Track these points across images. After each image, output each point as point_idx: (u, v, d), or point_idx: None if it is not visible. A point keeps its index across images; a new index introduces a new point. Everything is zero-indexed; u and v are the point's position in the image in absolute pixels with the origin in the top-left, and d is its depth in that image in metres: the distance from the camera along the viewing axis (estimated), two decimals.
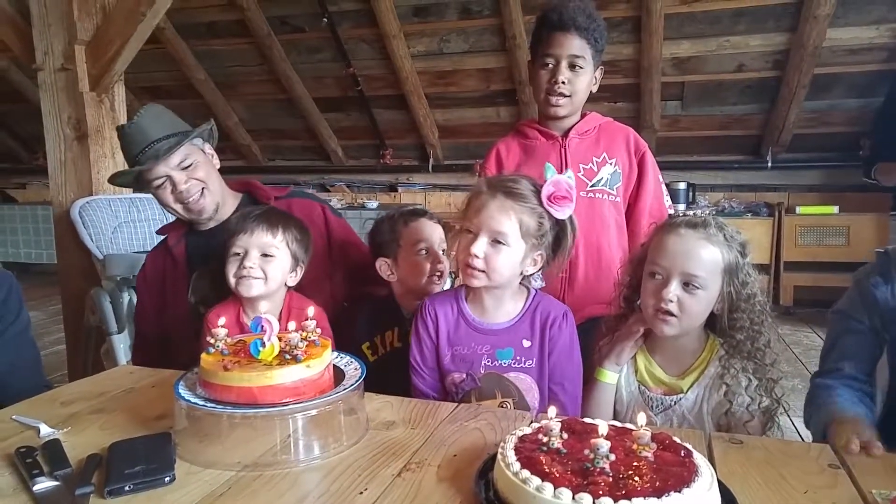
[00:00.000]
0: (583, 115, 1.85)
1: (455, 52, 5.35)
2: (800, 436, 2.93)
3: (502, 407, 1.36)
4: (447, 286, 1.75)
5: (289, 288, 1.59)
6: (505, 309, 1.41)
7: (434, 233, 1.69)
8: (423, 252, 1.67)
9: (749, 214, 5.32)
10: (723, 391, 1.36)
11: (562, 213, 1.35)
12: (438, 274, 1.67)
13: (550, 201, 1.33)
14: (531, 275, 1.42)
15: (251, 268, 1.48)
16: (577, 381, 1.42)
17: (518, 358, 1.38)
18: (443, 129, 6.04)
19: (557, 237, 1.39)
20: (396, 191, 6.45)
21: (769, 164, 5.46)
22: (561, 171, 1.77)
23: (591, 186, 1.80)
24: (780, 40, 4.74)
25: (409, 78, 5.51)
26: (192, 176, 1.74)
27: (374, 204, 6.03)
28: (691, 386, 1.39)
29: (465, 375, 1.39)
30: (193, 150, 1.76)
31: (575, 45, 1.72)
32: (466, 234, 1.35)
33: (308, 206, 1.89)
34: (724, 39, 4.81)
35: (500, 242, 1.31)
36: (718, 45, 4.85)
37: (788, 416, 3.17)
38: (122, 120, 2.83)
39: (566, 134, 1.82)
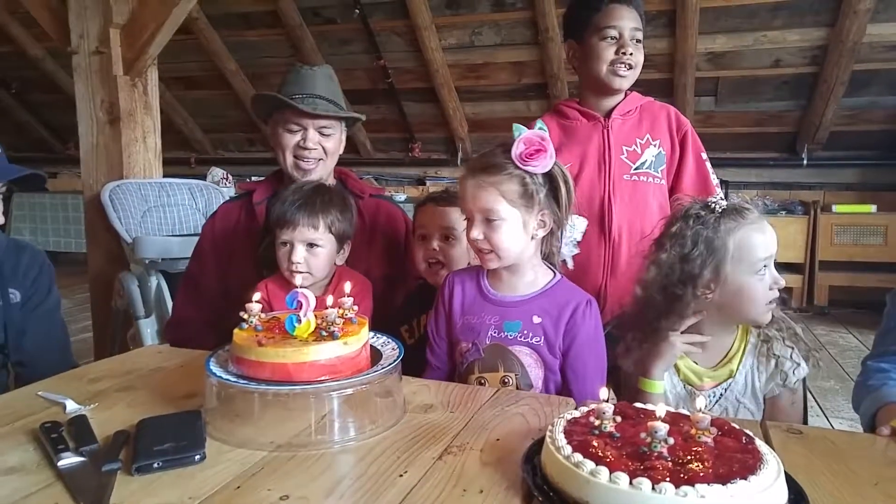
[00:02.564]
0: (625, 95, 1.79)
1: (487, 45, 5.31)
2: None
3: (504, 383, 1.32)
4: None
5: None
6: (523, 283, 1.37)
7: (433, 218, 1.63)
8: (420, 238, 1.65)
9: (784, 212, 5.20)
10: (773, 363, 1.35)
11: (539, 167, 1.29)
12: (432, 262, 1.62)
13: (523, 160, 1.28)
14: (545, 239, 1.36)
15: (298, 263, 1.50)
16: (596, 375, 1.35)
17: (525, 332, 1.33)
18: (472, 122, 6.00)
19: (554, 191, 1.33)
20: (425, 184, 6.42)
21: (805, 162, 5.35)
22: (604, 155, 1.74)
23: (636, 169, 1.74)
24: (818, 35, 4.63)
25: (439, 71, 5.47)
26: (322, 143, 1.78)
27: (401, 197, 5.99)
28: (738, 366, 1.36)
29: (471, 345, 1.36)
30: (337, 126, 1.83)
31: (635, 17, 1.71)
32: (468, 222, 1.35)
33: (394, 214, 1.91)
34: (761, 34, 4.71)
35: (492, 219, 1.29)
36: (755, 39, 4.74)
37: (826, 416, 3.08)
38: (155, 104, 2.85)
39: (608, 114, 1.76)
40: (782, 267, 4.51)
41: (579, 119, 1.79)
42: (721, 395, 1.36)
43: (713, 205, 1.33)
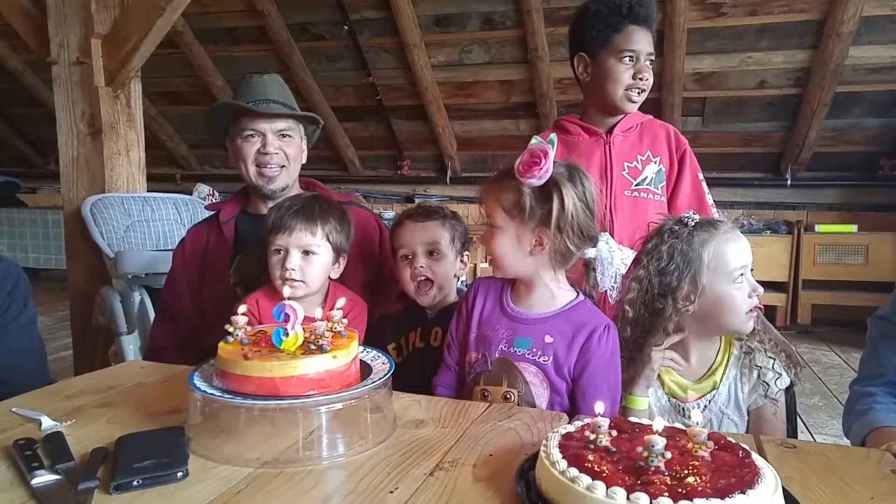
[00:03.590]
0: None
1: (476, 62, 5.34)
2: None
3: (506, 399, 1.29)
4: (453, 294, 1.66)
5: (333, 280, 1.57)
6: (542, 300, 1.34)
7: (413, 235, 1.57)
8: (403, 258, 1.59)
9: (768, 232, 5.25)
10: (755, 374, 1.37)
11: (534, 179, 1.25)
12: (423, 279, 1.57)
13: (520, 171, 1.26)
14: (558, 258, 1.31)
15: (293, 270, 1.45)
16: (609, 403, 1.29)
17: (534, 350, 1.31)
18: (461, 140, 6.01)
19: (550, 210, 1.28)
20: (413, 202, 6.41)
21: (788, 182, 5.41)
22: (605, 171, 1.74)
23: (636, 185, 1.74)
24: (802, 57, 4.71)
25: (429, 88, 5.49)
26: (283, 147, 1.78)
27: (390, 214, 5.98)
28: (722, 378, 1.38)
29: (480, 356, 1.34)
30: (296, 131, 1.82)
31: (650, 40, 1.72)
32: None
33: (364, 218, 1.88)
34: (747, 55, 4.78)
35: (491, 226, 1.31)
36: (741, 60, 4.81)
37: (810, 432, 3.08)
38: (138, 116, 2.81)
39: (610, 131, 1.77)
40: (767, 286, 4.51)
41: (581, 134, 1.79)
42: (705, 406, 1.36)
43: (686, 219, 1.36)
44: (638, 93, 1.72)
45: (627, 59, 1.69)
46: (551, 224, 1.26)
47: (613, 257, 1.42)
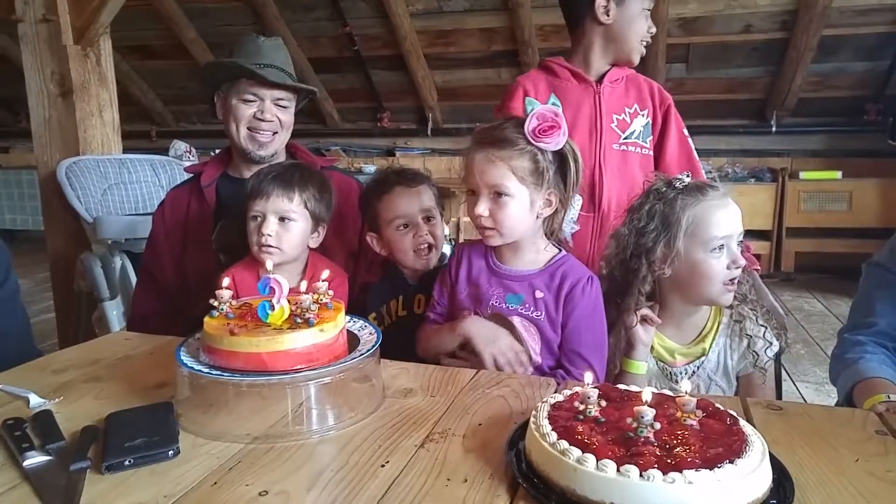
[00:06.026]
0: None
1: (455, 10, 5.21)
2: (804, 400, 2.91)
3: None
4: (447, 250, 1.66)
5: (312, 250, 1.55)
6: (527, 259, 1.35)
7: (411, 203, 1.53)
8: (402, 227, 1.53)
9: (752, 180, 5.27)
10: (745, 343, 1.36)
11: (552, 144, 1.26)
12: (425, 246, 1.54)
13: (536, 136, 1.25)
14: (549, 217, 1.33)
15: (269, 236, 1.43)
16: (592, 352, 1.33)
17: (527, 305, 1.32)
18: (442, 91, 5.92)
19: (562, 170, 1.30)
20: (394, 155, 6.34)
21: (773, 129, 5.40)
22: (595, 122, 1.71)
23: (624, 139, 1.72)
24: (788, 0, 4.62)
25: (407, 37, 5.36)
26: (278, 115, 1.76)
27: (371, 168, 5.92)
28: (712, 344, 1.38)
29: (472, 314, 1.34)
30: (292, 100, 1.81)
31: None
32: (471, 196, 1.31)
33: (346, 183, 1.84)
34: None
35: (500, 195, 1.26)
36: (726, 4, 4.72)
37: (792, 381, 3.15)
38: (110, 76, 2.73)
39: (600, 80, 1.73)
40: (750, 234, 4.59)
41: (570, 80, 1.74)
42: (693, 372, 1.37)
43: (676, 181, 1.34)
44: (645, 46, 1.71)
45: (647, 9, 1.68)
46: (567, 186, 1.30)
47: (573, 205, 1.50)
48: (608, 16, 1.68)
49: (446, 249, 1.70)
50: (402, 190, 1.54)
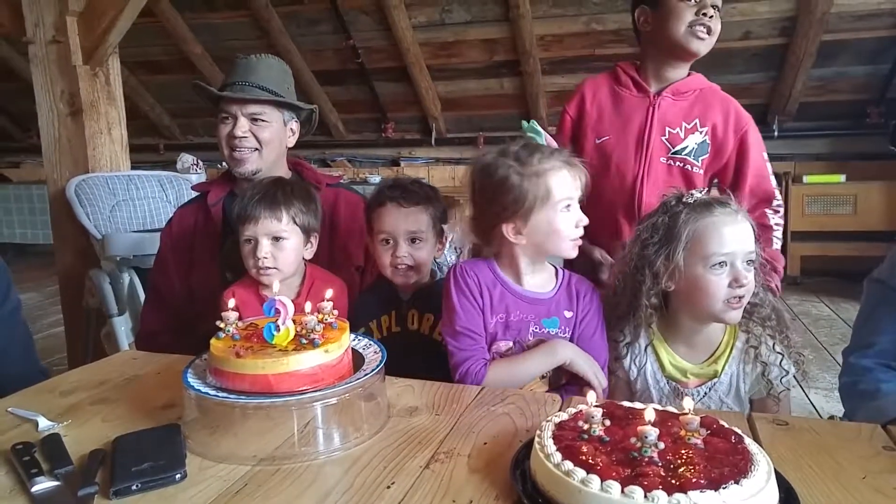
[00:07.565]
0: (688, 74, 1.75)
1: (457, 22, 5.22)
2: (814, 407, 2.89)
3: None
4: (452, 258, 1.68)
5: (309, 261, 1.57)
6: (546, 278, 1.39)
7: (397, 222, 1.49)
8: (384, 242, 1.52)
9: None
10: (759, 369, 1.32)
11: None
12: (403, 266, 1.50)
13: None
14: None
15: (265, 258, 1.46)
16: (601, 354, 1.37)
17: (563, 328, 1.36)
18: (445, 101, 5.93)
19: None
20: (399, 165, 6.36)
21: (776, 134, 5.38)
22: (643, 134, 1.70)
23: (673, 153, 1.70)
24: (787, 6, 4.63)
25: (410, 49, 5.39)
26: (254, 131, 1.73)
27: (376, 178, 5.93)
28: (724, 366, 1.34)
29: (511, 343, 1.35)
30: (274, 115, 1.77)
31: None
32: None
33: (353, 200, 1.85)
34: (731, 6, 4.68)
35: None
36: (725, 11, 4.68)
37: (802, 388, 3.13)
38: (118, 94, 2.75)
39: (660, 92, 1.71)
40: None
41: (630, 89, 1.74)
42: (705, 394, 1.35)
43: (687, 196, 1.34)
44: (705, 30, 1.63)
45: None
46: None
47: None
48: (648, 24, 1.71)
49: (452, 258, 1.70)
50: (393, 207, 1.51)
